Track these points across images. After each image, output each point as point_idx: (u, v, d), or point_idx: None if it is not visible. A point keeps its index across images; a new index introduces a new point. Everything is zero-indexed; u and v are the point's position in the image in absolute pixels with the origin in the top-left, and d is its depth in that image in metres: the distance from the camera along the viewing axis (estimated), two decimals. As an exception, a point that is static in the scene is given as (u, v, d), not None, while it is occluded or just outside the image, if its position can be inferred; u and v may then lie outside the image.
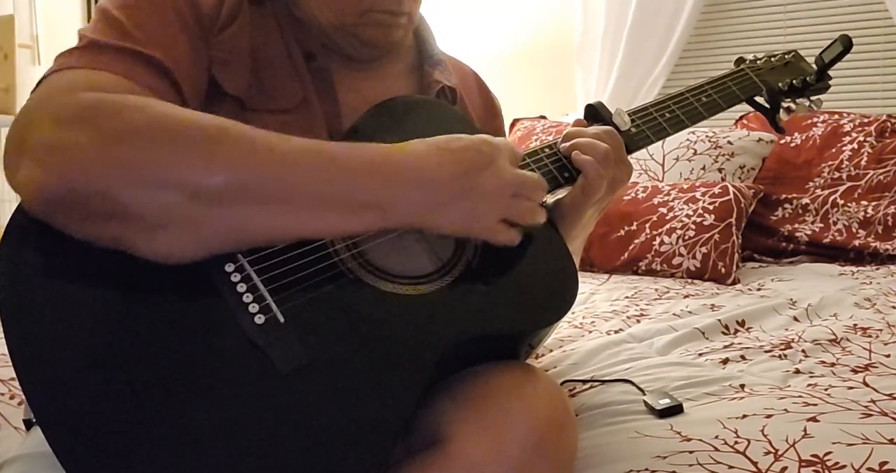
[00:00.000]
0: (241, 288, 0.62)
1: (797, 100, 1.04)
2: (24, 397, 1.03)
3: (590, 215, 0.84)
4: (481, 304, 0.70)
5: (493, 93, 1.03)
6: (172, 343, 0.58)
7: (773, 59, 1.05)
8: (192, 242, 0.58)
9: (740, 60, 1.05)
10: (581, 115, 0.89)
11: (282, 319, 0.62)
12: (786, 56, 1.06)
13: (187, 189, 0.56)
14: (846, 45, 1.01)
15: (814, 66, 1.04)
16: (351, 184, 0.62)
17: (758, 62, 1.04)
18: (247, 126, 0.61)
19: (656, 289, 1.62)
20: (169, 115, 0.59)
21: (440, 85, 0.87)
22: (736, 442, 0.75)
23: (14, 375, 1.08)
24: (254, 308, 0.62)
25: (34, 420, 0.78)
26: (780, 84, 1.02)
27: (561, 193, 0.83)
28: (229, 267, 0.63)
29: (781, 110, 1.03)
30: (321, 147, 0.62)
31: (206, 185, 0.57)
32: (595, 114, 0.87)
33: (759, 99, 1.03)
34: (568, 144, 0.81)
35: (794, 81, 1.02)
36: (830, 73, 1.05)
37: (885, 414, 0.81)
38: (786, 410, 0.83)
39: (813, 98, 1.04)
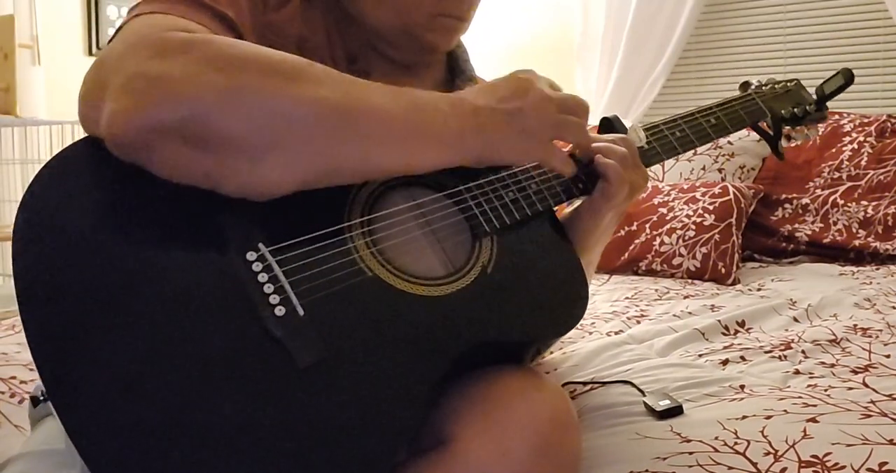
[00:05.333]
0: (263, 278, 0.62)
1: (796, 128, 1.06)
2: (26, 392, 1.03)
3: (608, 221, 0.84)
4: (497, 310, 0.70)
5: None
6: (190, 331, 0.58)
7: (776, 86, 1.07)
8: (287, 171, 0.60)
9: (746, 85, 1.07)
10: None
11: (301, 312, 0.62)
12: (787, 84, 1.08)
13: (288, 115, 0.58)
14: (847, 78, 1.04)
15: (813, 95, 1.07)
16: (420, 119, 0.65)
17: (763, 88, 1.06)
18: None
19: (656, 290, 1.62)
20: (262, 50, 0.62)
21: None
22: (736, 443, 0.76)
23: (14, 374, 1.09)
24: (274, 299, 0.61)
25: (42, 398, 0.78)
26: (783, 111, 1.04)
27: (577, 202, 0.84)
28: (251, 256, 0.62)
29: (783, 137, 1.04)
30: (387, 86, 0.66)
31: (305, 112, 0.59)
32: (610, 127, 0.88)
33: (762, 124, 1.05)
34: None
35: (795, 110, 1.04)
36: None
37: (885, 415, 0.81)
38: (785, 411, 0.83)
39: (810, 127, 1.07)
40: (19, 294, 0.56)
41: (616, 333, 1.27)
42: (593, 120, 0.86)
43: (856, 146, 2.06)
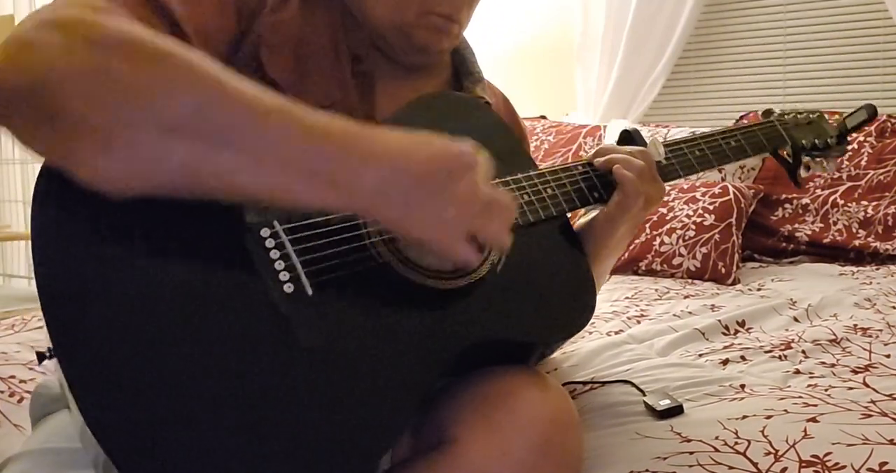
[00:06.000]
0: (275, 254, 0.62)
1: (815, 159, 1.06)
2: (25, 391, 1.03)
3: (623, 233, 0.85)
4: (504, 310, 0.71)
5: (520, 115, 1.04)
6: (198, 300, 0.59)
7: (798, 115, 1.08)
8: (134, 169, 0.54)
9: (768, 112, 1.08)
10: (581, 115, 0.91)
11: (310, 291, 0.62)
12: (810, 115, 1.09)
13: (144, 109, 0.53)
14: (871, 113, 1.05)
15: (834, 127, 1.07)
16: (312, 150, 0.56)
17: (785, 117, 1.07)
18: (228, 69, 0.58)
19: (656, 290, 1.62)
20: (150, 38, 0.57)
21: (482, 101, 0.88)
22: (736, 443, 0.76)
23: (14, 373, 1.09)
24: (284, 276, 0.62)
25: (48, 355, 0.78)
26: (803, 141, 1.04)
27: (592, 213, 0.84)
28: (265, 232, 0.63)
29: (801, 166, 1.05)
30: (296, 107, 0.57)
31: (164, 111, 0.53)
32: (630, 140, 0.89)
33: (782, 152, 1.05)
34: (604, 159, 0.82)
35: (816, 141, 1.05)
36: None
37: (885, 415, 0.81)
38: (786, 411, 0.83)
39: (829, 160, 1.07)
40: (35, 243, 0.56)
41: (616, 333, 1.27)
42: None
43: (856, 146, 2.06)
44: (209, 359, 0.57)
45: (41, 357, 0.78)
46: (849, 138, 1.08)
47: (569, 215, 0.82)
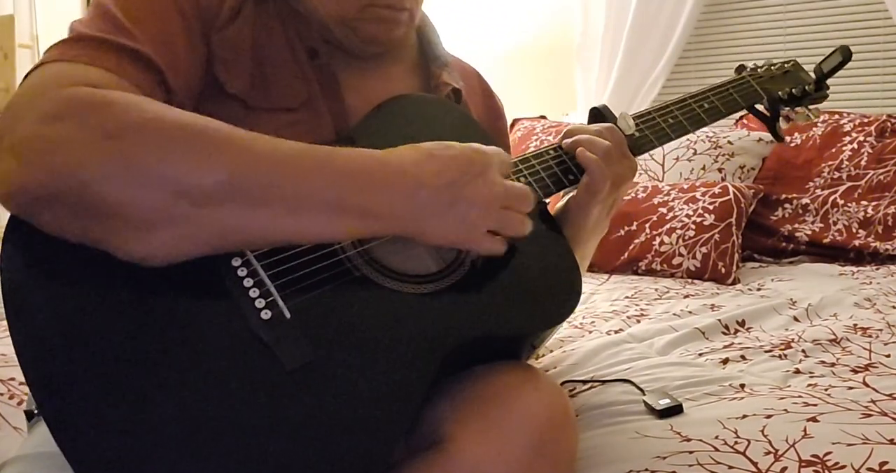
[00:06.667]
0: (248, 282, 0.62)
1: (796, 109, 1.04)
2: (24, 393, 1.03)
3: (597, 215, 0.84)
4: (487, 305, 0.70)
5: (496, 93, 1.02)
6: (178, 338, 0.58)
7: (773, 67, 1.06)
8: (179, 244, 0.57)
9: (741, 68, 1.06)
10: (581, 115, 0.90)
11: (288, 315, 0.62)
12: (785, 65, 1.07)
13: (177, 189, 0.56)
14: (845, 55, 1.02)
15: (812, 75, 1.05)
16: (341, 189, 0.61)
17: (759, 70, 1.05)
18: (237, 128, 0.60)
19: (656, 289, 1.62)
20: (161, 114, 0.59)
21: (450, 87, 0.87)
22: (736, 442, 0.75)
23: (13, 375, 1.09)
24: (260, 303, 0.61)
25: (36, 412, 0.78)
26: (779, 92, 1.02)
27: (569, 195, 0.83)
28: (236, 262, 0.63)
29: (781, 119, 1.03)
30: (313, 151, 0.61)
31: (197, 186, 0.56)
32: (599, 117, 0.87)
33: (759, 107, 1.03)
34: (570, 141, 0.81)
35: (793, 90, 1.03)
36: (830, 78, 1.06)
37: (885, 415, 0.81)
38: (786, 410, 0.83)
39: (811, 107, 1.05)
40: (6, 298, 0.56)
41: (616, 332, 1.27)
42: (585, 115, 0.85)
43: (856, 146, 2.06)
44: (192, 391, 0.57)
45: (30, 415, 0.79)
46: (828, 83, 1.05)
47: (548, 201, 0.82)
